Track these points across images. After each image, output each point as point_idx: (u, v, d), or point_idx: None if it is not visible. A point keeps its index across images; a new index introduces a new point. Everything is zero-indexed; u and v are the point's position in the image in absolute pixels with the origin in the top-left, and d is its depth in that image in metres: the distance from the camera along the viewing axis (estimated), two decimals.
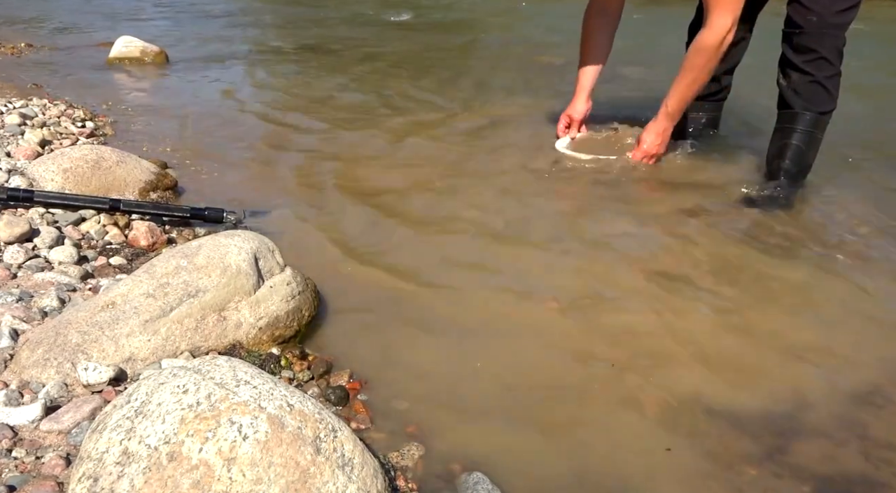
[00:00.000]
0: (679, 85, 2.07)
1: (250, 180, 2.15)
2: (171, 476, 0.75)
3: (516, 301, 1.47)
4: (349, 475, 0.83)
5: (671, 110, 2.13)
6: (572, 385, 1.20)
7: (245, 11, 6.68)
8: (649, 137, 2.19)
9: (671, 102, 2.11)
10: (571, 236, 1.79)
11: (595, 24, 2.31)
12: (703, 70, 2.01)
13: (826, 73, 1.97)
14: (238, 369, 0.90)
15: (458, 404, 1.15)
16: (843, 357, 1.30)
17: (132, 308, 1.16)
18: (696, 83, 2.06)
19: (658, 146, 2.19)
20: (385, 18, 6.08)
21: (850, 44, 1.95)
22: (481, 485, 0.95)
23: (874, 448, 1.07)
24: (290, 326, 1.27)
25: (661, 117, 2.15)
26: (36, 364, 1.08)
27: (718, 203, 1.99)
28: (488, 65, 4.14)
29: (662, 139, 2.19)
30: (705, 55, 1.98)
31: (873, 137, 2.61)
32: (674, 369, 1.25)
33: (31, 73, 3.52)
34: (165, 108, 2.98)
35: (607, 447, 1.06)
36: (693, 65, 2.01)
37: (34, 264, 1.45)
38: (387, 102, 3.12)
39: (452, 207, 1.95)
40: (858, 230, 1.84)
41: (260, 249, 1.32)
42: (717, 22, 1.92)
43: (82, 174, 1.81)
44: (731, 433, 1.10)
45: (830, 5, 1.91)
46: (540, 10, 6.68)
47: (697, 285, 1.55)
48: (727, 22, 1.91)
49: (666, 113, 2.14)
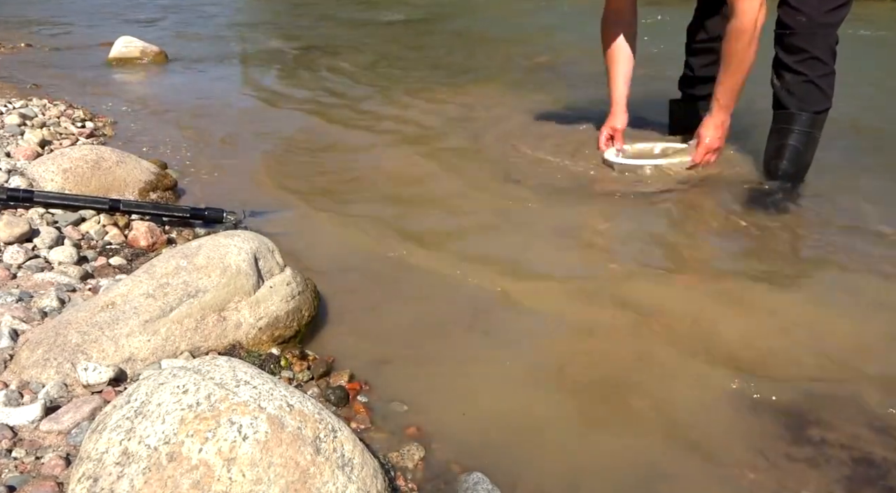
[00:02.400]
0: (725, 75, 2.00)
1: (250, 181, 2.15)
2: (171, 477, 0.75)
3: (517, 302, 1.47)
4: (349, 476, 0.83)
5: (724, 103, 2.04)
6: (573, 385, 1.20)
7: (245, 12, 6.69)
8: (709, 133, 2.10)
9: (721, 94, 2.03)
10: (565, 232, 1.79)
11: (613, 34, 2.26)
12: (744, 54, 1.93)
13: (819, 73, 1.97)
14: (238, 369, 0.90)
15: (457, 404, 1.15)
16: (843, 356, 1.31)
17: (132, 308, 1.16)
18: (742, 69, 1.97)
19: (719, 140, 2.11)
20: (384, 18, 6.09)
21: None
22: (481, 485, 0.95)
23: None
24: (290, 326, 1.27)
25: (717, 111, 2.06)
26: (36, 364, 1.08)
27: (717, 204, 1.99)
28: (489, 65, 4.14)
29: (722, 132, 2.10)
30: (742, 39, 1.90)
31: (873, 136, 2.61)
32: (673, 369, 1.25)
33: (30, 74, 3.53)
34: (165, 108, 2.98)
35: (608, 447, 1.06)
36: (733, 51, 1.94)
37: (34, 264, 1.45)
38: (387, 102, 3.12)
39: (455, 208, 1.95)
40: (858, 230, 1.84)
41: (260, 249, 1.32)
42: (744, 6, 1.86)
43: (82, 174, 1.81)
44: (732, 434, 1.10)
45: (819, 5, 1.91)
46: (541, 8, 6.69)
47: (697, 286, 1.55)
48: (755, 3, 1.85)
49: (720, 106, 2.05)
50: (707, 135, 2.11)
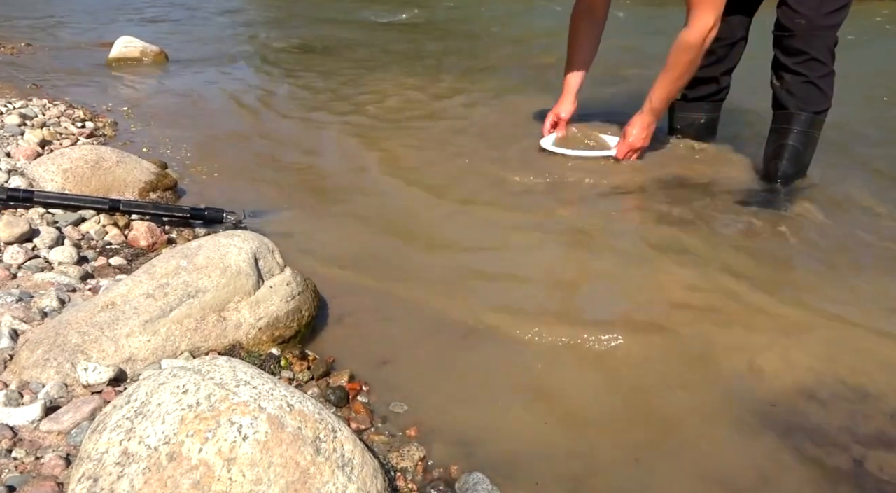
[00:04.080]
0: (663, 81, 2.07)
1: (250, 181, 2.15)
2: (171, 477, 0.75)
3: (517, 302, 1.47)
4: (349, 476, 0.83)
5: (655, 105, 2.12)
6: (573, 386, 1.21)
7: (245, 12, 6.69)
8: (634, 131, 2.17)
9: (655, 97, 2.11)
10: (563, 233, 1.79)
11: (581, 26, 2.30)
12: (687, 67, 2.02)
13: (819, 73, 1.98)
14: (238, 369, 0.90)
15: (458, 405, 1.15)
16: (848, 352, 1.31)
17: (132, 308, 1.16)
18: (681, 80, 2.07)
19: (643, 140, 2.19)
20: (384, 19, 6.09)
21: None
22: (481, 485, 0.95)
23: None
24: (290, 326, 1.27)
25: (646, 112, 2.14)
26: (36, 365, 1.08)
27: (717, 204, 1.99)
28: (488, 66, 4.14)
29: (647, 133, 2.18)
30: (689, 54, 1.98)
31: (873, 134, 2.62)
32: (676, 369, 1.25)
33: (30, 74, 3.52)
34: (165, 108, 2.98)
35: (608, 447, 1.06)
36: (677, 62, 2.01)
37: (34, 264, 1.45)
38: (387, 102, 3.12)
39: (454, 209, 1.95)
40: (858, 229, 1.84)
41: (260, 249, 1.32)
42: (699, 21, 1.92)
43: (82, 174, 1.81)
44: (733, 437, 1.10)
45: (819, 7, 1.92)
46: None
47: (696, 285, 1.54)
48: (709, 21, 1.91)
49: (651, 108, 2.13)
50: (632, 133, 2.18)
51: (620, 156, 2.22)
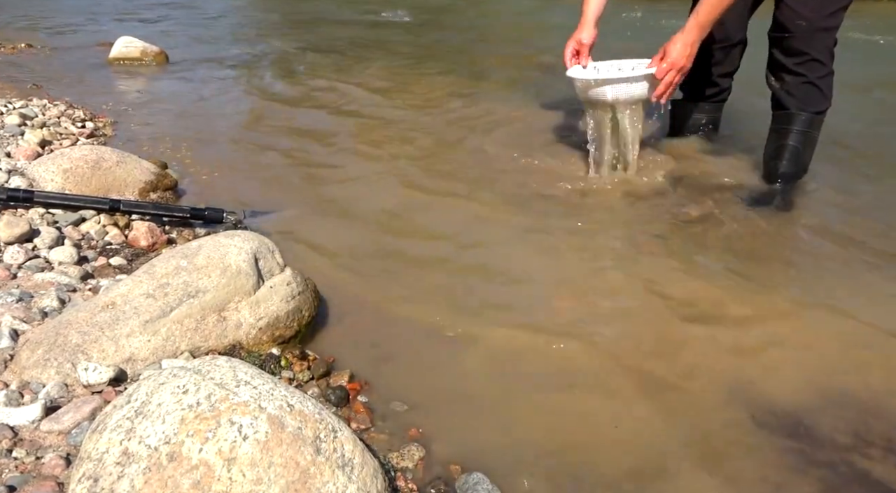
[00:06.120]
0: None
1: (250, 181, 2.15)
2: (171, 477, 0.75)
3: (518, 302, 1.47)
4: (349, 476, 0.83)
5: (702, 20, 1.87)
6: (574, 386, 1.20)
7: (246, 12, 6.69)
8: (677, 47, 1.90)
9: (702, 11, 1.87)
10: (564, 238, 1.79)
11: None
12: None
13: (818, 74, 1.97)
14: (238, 369, 0.90)
15: (458, 405, 1.15)
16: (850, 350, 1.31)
17: (132, 308, 1.16)
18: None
19: (686, 57, 1.91)
20: (385, 19, 6.09)
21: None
22: (481, 485, 0.95)
23: None
24: (290, 326, 1.27)
25: (691, 27, 1.89)
26: (36, 365, 1.08)
27: (717, 204, 1.99)
28: (489, 65, 4.14)
29: (691, 51, 1.91)
30: None
31: (873, 135, 2.62)
32: (676, 370, 1.25)
33: (31, 74, 3.52)
34: (165, 108, 2.98)
35: (608, 447, 1.06)
36: None
37: (34, 264, 1.45)
38: (388, 102, 3.12)
39: (455, 209, 1.95)
40: (858, 229, 1.84)
41: (260, 249, 1.32)
42: None
43: (82, 175, 1.81)
44: (738, 439, 1.10)
45: (820, 9, 1.90)
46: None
47: (696, 285, 1.55)
48: None
49: (697, 23, 1.88)
50: (673, 51, 1.91)
51: (661, 75, 1.94)
